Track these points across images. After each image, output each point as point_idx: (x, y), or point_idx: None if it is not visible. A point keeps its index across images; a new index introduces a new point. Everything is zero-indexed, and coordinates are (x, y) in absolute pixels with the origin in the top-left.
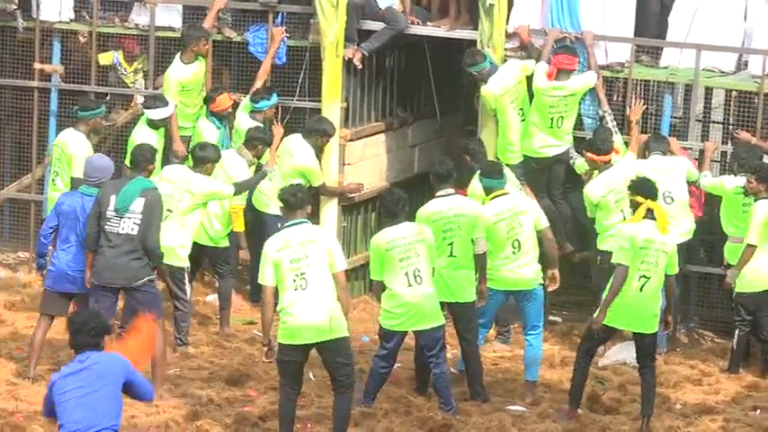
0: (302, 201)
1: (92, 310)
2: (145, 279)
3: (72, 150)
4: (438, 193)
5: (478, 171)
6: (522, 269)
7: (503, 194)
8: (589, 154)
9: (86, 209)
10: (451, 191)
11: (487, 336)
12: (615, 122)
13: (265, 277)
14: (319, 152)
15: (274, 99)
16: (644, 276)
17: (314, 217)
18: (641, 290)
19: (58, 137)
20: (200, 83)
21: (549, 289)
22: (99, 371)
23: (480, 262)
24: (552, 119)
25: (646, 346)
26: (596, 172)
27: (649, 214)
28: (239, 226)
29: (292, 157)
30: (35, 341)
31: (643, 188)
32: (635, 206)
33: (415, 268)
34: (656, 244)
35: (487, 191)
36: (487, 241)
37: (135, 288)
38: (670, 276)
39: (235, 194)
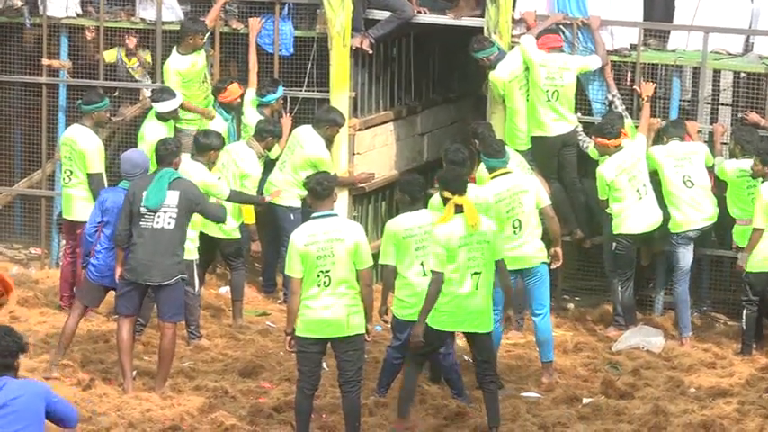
0: (329, 190)
1: (4, 327)
2: (178, 276)
3: (83, 146)
4: None
5: (481, 150)
6: (523, 247)
7: (505, 173)
8: (598, 139)
9: None
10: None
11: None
12: (624, 107)
13: (293, 269)
14: (329, 142)
15: (280, 91)
16: (476, 273)
17: None
18: (477, 288)
19: (65, 134)
20: (200, 74)
21: (552, 266)
22: (17, 408)
23: None
24: (548, 91)
25: (484, 346)
26: (606, 156)
27: (458, 209)
28: (249, 218)
29: (303, 149)
30: (67, 328)
31: (450, 183)
32: (444, 201)
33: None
34: (475, 236)
35: (490, 170)
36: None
37: (166, 286)
38: (499, 262)
39: (228, 200)
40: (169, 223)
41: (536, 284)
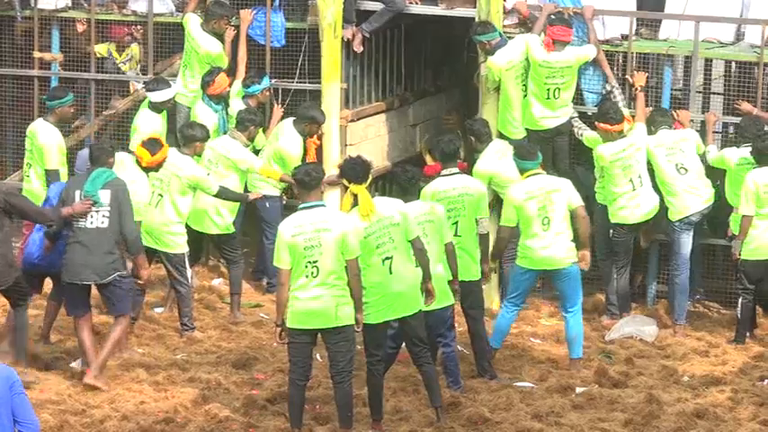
0: (317, 180)
1: None
2: (115, 275)
3: (42, 141)
4: (443, 172)
5: (513, 152)
6: (552, 248)
7: (536, 174)
8: (603, 125)
9: None
10: (456, 170)
11: (493, 312)
12: (623, 96)
13: (281, 260)
14: (307, 138)
15: (265, 83)
16: (387, 258)
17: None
18: (390, 272)
19: (30, 126)
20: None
21: (581, 268)
22: None
23: (483, 242)
24: (549, 90)
25: (413, 328)
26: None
27: (355, 199)
28: (276, 176)
29: (277, 140)
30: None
31: (347, 171)
32: (345, 190)
33: None
34: (382, 221)
35: (521, 171)
36: (517, 219)
37: (105, 284)
38: (414, 241)
39: (216, 196)
40: (102, 222)
41: (568, 285)
